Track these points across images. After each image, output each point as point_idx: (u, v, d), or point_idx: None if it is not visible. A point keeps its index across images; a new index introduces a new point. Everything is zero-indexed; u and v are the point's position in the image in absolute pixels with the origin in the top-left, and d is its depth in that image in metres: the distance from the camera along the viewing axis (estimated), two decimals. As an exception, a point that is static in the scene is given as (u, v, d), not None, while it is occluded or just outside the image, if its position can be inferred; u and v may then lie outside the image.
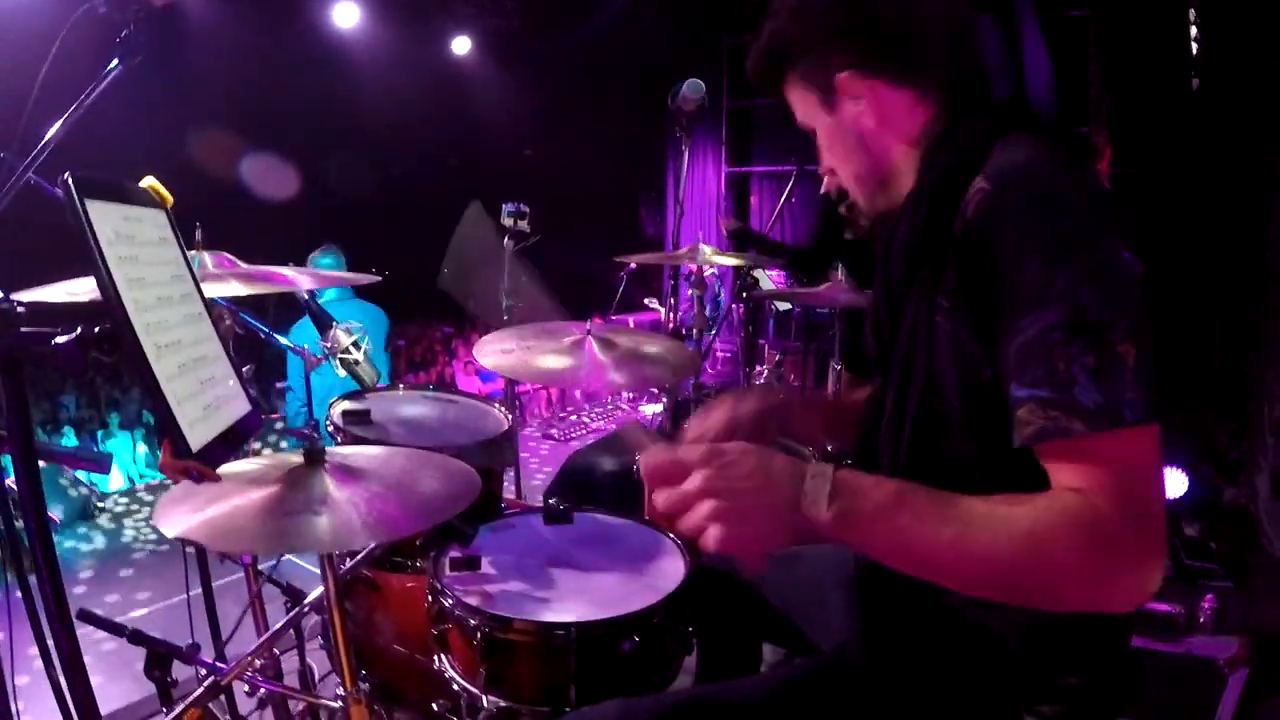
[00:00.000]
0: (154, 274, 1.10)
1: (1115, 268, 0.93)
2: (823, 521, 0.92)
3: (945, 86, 1.14)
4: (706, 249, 3.04)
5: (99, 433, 6.22)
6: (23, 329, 0.97)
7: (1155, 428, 0.91)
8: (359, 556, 1.73)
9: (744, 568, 0.98)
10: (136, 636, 1.55)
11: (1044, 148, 1.03)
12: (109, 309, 0.95)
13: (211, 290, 1.73)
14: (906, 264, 1.14)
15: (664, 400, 3.29)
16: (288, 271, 2.00)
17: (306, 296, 2.23)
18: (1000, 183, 0.99)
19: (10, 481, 1.05)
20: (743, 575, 1.55)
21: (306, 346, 2.22)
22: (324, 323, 2.23)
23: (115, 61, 1.53)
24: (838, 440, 1.50)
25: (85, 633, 1.21)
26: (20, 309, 0.97)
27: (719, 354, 7.35)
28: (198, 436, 1.04)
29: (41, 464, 1.03)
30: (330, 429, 2.03)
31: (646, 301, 7.31)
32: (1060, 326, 0.90)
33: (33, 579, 1.09)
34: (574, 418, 6.73)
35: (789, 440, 2.34)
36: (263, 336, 2.12)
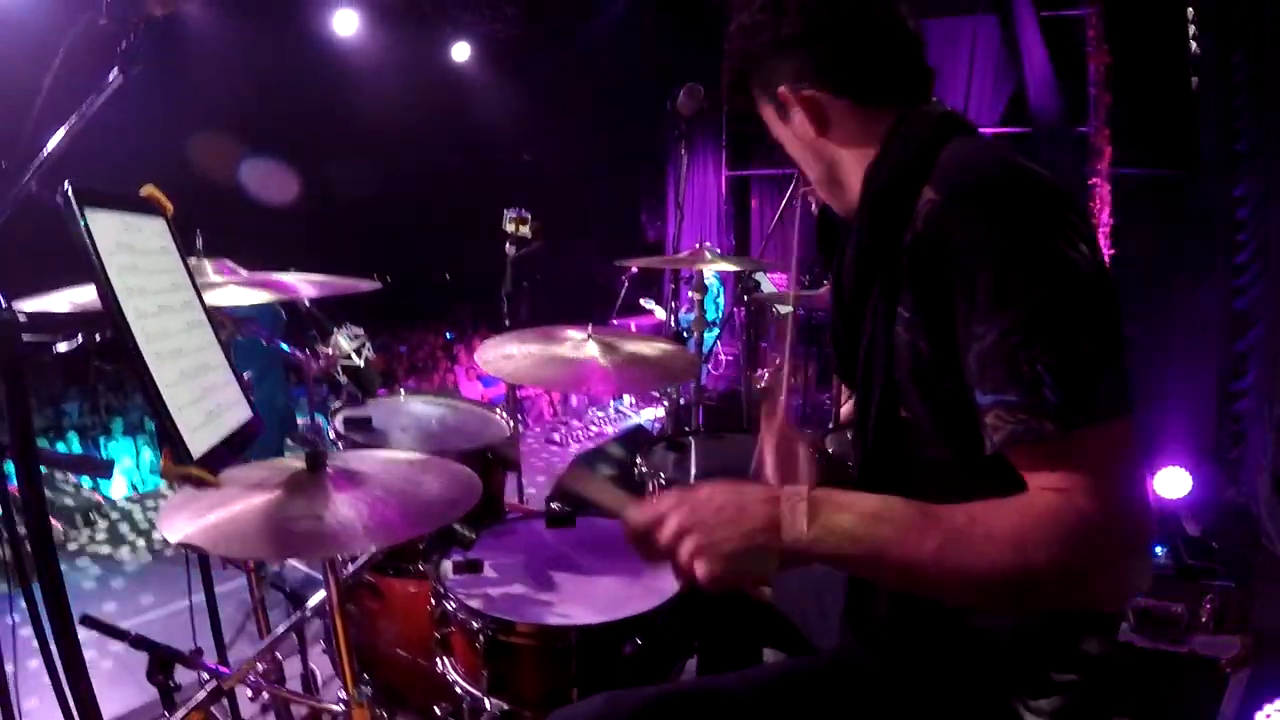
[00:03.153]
0: (154, 282, 1.10)
1: (1069, 266, 0.92)
2: (803, 542, 0.92)
3: (884, 94, 1.14)
4: (708, 252, 3.04)
5: (101, 439, 6.23)
6: (25, 337, 0.97)
7: (1128, 421, 0.90)
8: (361, 561, 1.74)
9: (750, 598, 0.97)
10: (139, 641, 1.56)
11: (989, 150, 1.03)
12: (110, 317, 0.96)
13: (212, 297, 1.74)
14: (857, 277, 1.14)
15: (665, 404, 3.29)
16: (288, 278, 2.01)
17: (308, 304, 2.24)
18: (948, 192, 0.99)
19: (13, 488, 1.05)
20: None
21: (307, 353, 2.23)
22: (325, 329, 2.24)
23: (116, 71, 1.54)
24: None
25: (88, 638, 1.22)
26: (22, 317, 0.98)
27: (721, 357, 7.36)
28: (199, 443, 1.05)
29: (45, 470, 1.04)
30: (332, 435, 2.04)
31: (643, 302, 7.29)
32: (1019, 330, 0.90)
33: (35, 585, 1.09)
34: (576, 422, 6.73)
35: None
36: (263, 343, 2.12)
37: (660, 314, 7.43)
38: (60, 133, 1.52)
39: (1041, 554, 0.87)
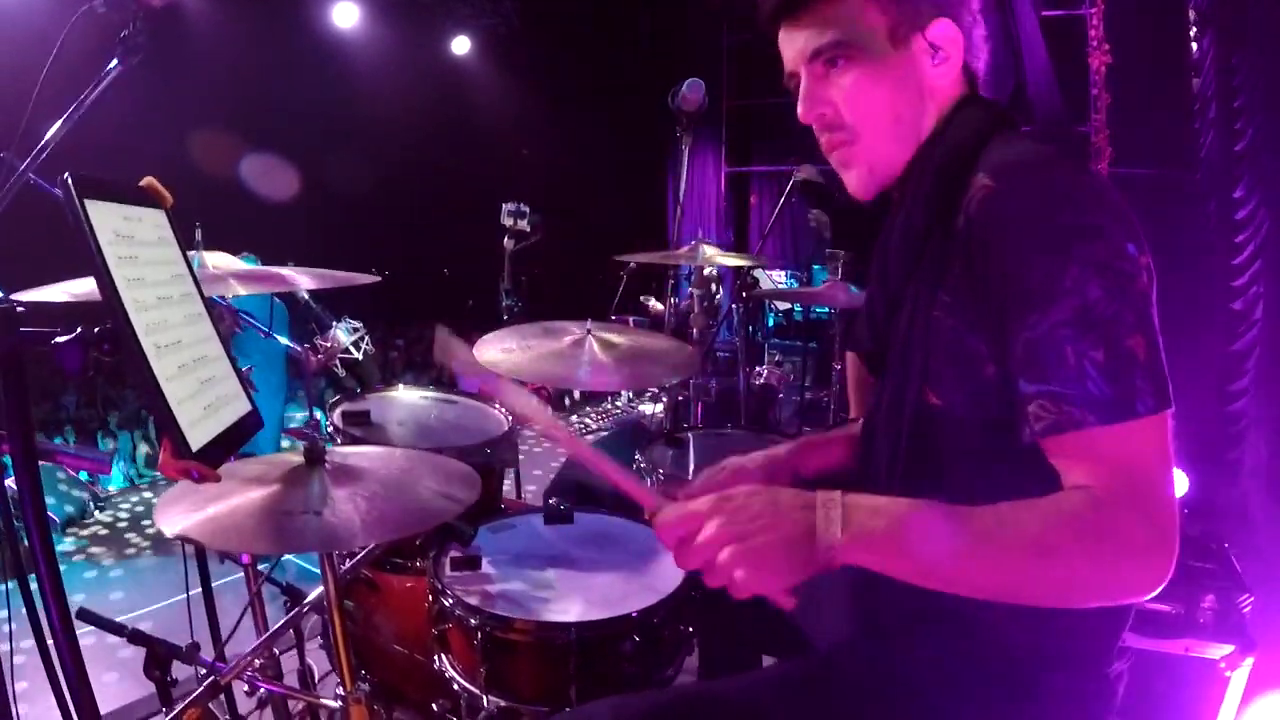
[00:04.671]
0: (154, 274, 1.10)
1: (1121, 261, 0.93)
2: (838, 547, 0.93)
3: (974, 83, 1.14)
4: (707, 249, 3.04)
5: (99, 432, 6.22)
6: (23, 329, 0.97)
7: (1166, 419, 0.92)
8: (359, 556, 1.73)
9: (776, 604, 0.98)
10: (136, 636, 1.55)
11: (1043, 144, 1.04)
12: (109, 309, 0.96)
13: (210, 290, 1.73)
14: (904, 261, 1.13)
15: (664, 400, 3.29)
16: (286, 271, 2.00)
17: (306, 297, 2.23)
18: (1003, 179, 0.99)
19: (10, 481, 1.05)
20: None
21: (305, 348, 2.22)
22: (323, 323, 2.23)
23: (115, 61, 1.53)
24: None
25: (85, 632, 1.21)
26: (21, 309, 0.97)
27: (719, 354, 7.35)
28: (198, 436, 1.04)
29: (42, 464, 1.03)
30: (330, 429, 2.03)
31: (643, 299, 7.26)
32: (1069, 322, 0.91)
33: (32, 578, 1.09)
34: (574, 418, 6.73)
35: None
36: (263, 337, 2.12)
37: (657, 307, 7.41)
38: (58, 123, 1.51)
39: (1064, 554, 0.89)
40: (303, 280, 1.96)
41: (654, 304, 7.53)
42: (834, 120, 1.13)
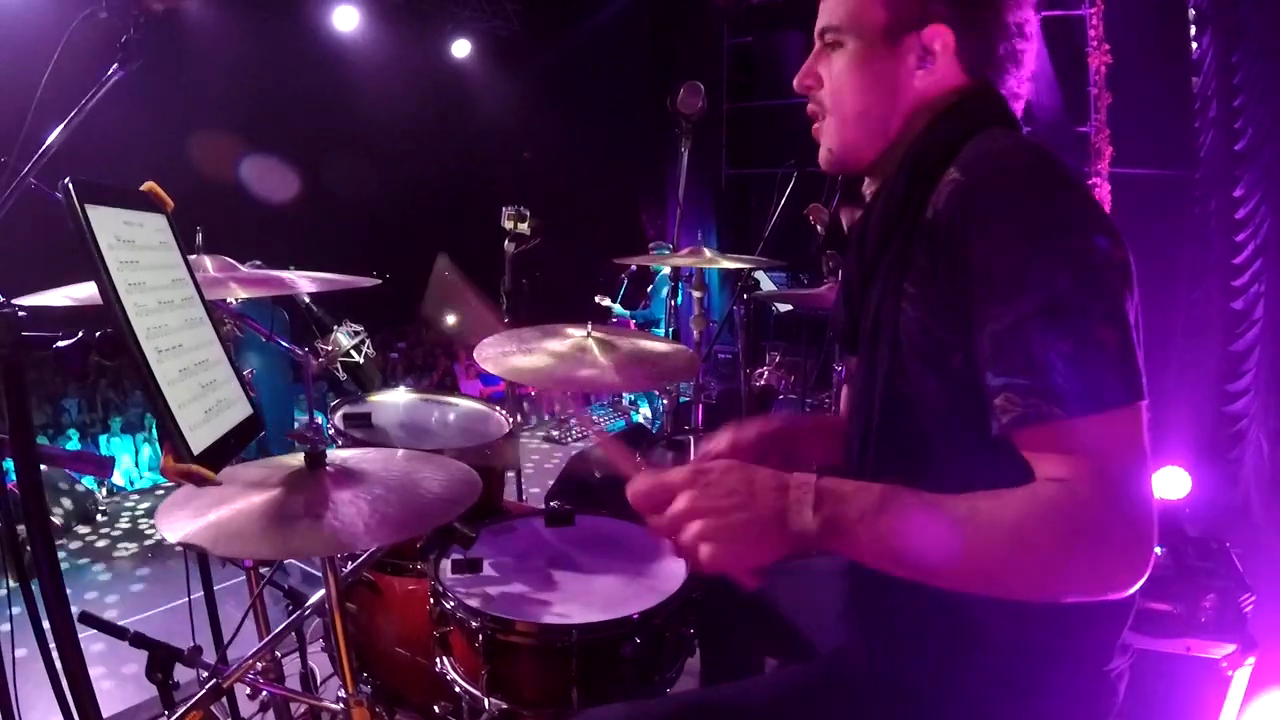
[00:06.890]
0: (155, 278, 1.10)
1: (1090, 253, 0.93)
2: (810, 531, 0.92)
3: (981, 84, 1.13)
4: (709, 251, 3.04)
5: (101, 436, 6.23)
6: (24, 333, 0.97)
7: (1139, 410, 0.90)
8: (361, 559, 1.73)
9: (739, 585, 0.97)
10: (138, 639, 1.55)
11: (1016, 140, 1.04)
12: (110, 313, 0.96)
13: (211, 294, 1.73)
14: (877, 243, 1.14)
15: (664, 401, 3.29)
16: (287, 275, 2.00)
17: (306, 301, 2.23)
18: (971, 172, 0.99)
19: (12, 485, 1.05)
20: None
21: (306, 351, 2.22)
22: (324, 326, 2.23)
23: (116, 66, 1.54)
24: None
25: (87, 636, 1.22)
26: (22, 313, 0.97)
27: (719, 355, 7.35)
28: (199, 440, 1.04)
29: (45, 467, 1.04)
30: (331, 432, 2.03)
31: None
32: (1036, 313, 0.90)
33: (34, 581, 1.09)
34: (576, 420, 6.73)
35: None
36: (264, 339, 2.12)
37: (619, 311, 7.36)
38: (60, 128, 1.51)
39: (1040, 545, 0.87)
40: (303, 283, 1.96)
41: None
42: (813, 94, 1.22)
